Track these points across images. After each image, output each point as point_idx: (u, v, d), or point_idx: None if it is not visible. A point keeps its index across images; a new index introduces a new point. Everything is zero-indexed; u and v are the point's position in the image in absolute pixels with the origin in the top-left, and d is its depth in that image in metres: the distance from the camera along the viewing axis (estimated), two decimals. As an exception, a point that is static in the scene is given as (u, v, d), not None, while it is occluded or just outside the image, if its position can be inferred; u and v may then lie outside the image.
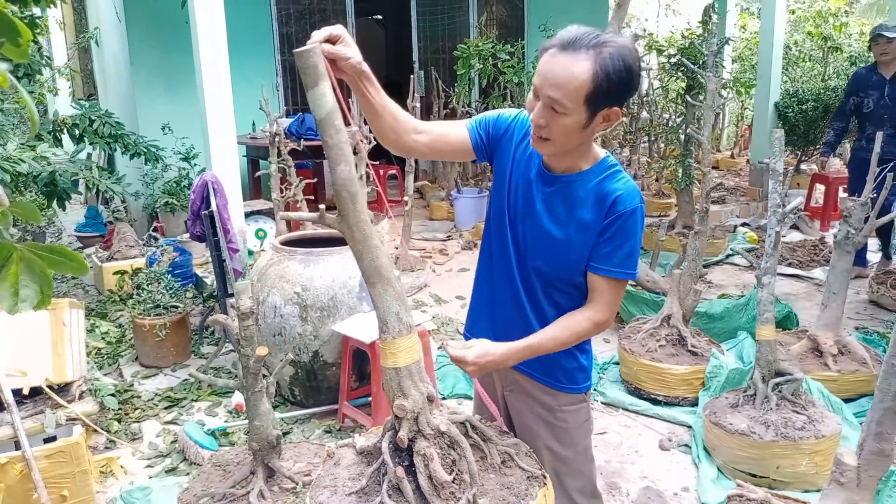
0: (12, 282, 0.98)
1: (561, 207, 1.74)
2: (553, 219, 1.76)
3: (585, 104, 1.56)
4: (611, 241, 1.70)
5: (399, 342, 1.68)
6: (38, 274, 1.00)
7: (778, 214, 3.11)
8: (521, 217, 1.80)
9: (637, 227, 1.71)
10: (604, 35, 1.55)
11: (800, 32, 12.15)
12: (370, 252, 1.62)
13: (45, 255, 1.00)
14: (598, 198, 1.70)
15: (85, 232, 7.27)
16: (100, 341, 4.66)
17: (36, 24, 5.58)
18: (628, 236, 1.69)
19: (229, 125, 4.72)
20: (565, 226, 1.74)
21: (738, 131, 12.32)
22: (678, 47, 6.35)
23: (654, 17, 17.48)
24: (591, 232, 1.71)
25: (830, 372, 3.62)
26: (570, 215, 1.73)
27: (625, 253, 1.71)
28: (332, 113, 1.50)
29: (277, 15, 8.20)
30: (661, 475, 3.17)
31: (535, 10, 9.61)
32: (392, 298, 1.66)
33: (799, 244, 6.48)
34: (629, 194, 1.69)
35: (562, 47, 1.55)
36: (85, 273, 1.04)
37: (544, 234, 1.76)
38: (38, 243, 1.00)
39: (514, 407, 2.03)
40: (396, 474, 1.67)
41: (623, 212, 1.68)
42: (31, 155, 3.40)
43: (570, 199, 1.73)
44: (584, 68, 1.52)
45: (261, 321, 3.58)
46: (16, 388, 2.96)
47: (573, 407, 1.95)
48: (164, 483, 3.09)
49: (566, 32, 1.57)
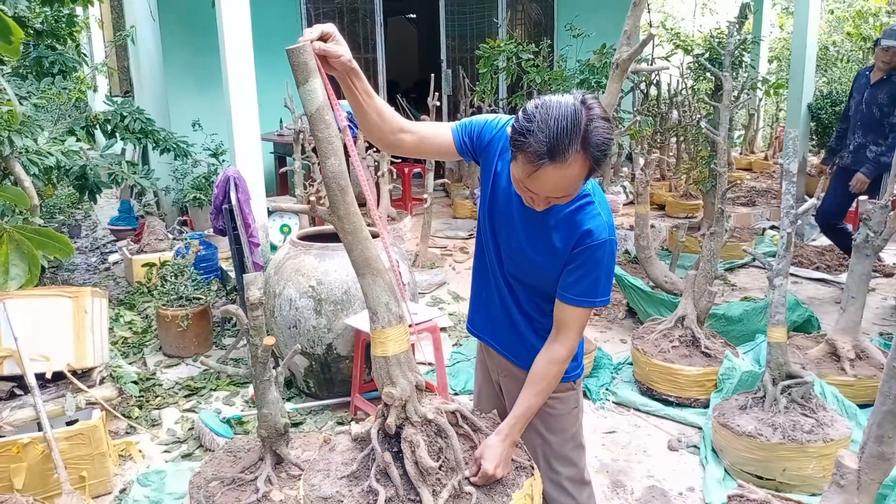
0: (2, 260, 1.05)
1: (535, 229, 1.79)
2: (528, 239, 1.81)
3: (584, 181, 1.63)
4: (576, 270, 1.75)
5: (388, 332, 1.72)
6: (27, 254, 1.06)
7: (790, 216, 3.08)
8: (501, 226, 1.86)
9: (604, 258, 1.74)
10: (580, 123, 1.52)
11: (839, 33, 11.92)
12: (360, 244, 1.67)
13: (32, 237, 1.07)
14: (569, 228, 1.74)
15: (118, 225, 7.47)
16: (126, 331, 4.80)
17: (74, 23, 5.77)
18: (595, 267, 1.74)
19: (253, 122, 4.82)
20: (538, 247, 1.79)
21: (773, 133, 12.12)
22: (705, 47, 6.29)
23: (690, 15, 17.29)
24: (560, 259, 1.76)
25: (847, 377, 3.57)
26: (542, 239, 1.78)
27: (590, 282, 1.75)
28: (321, 108, 1.56)
29: (307, 14, 8.32)
30: (668, 475, 3.17)
31: (564, 8, 9.59)
32: (381, 289, 1.70)
33: (827, 248, 6.37)
34: (599, 228, 1.72)
35: (550, 159, 1.52)
36: (71, 255, 1.11)
37: (520, 251, 1.83)
38: (26, 225, 1.06)
39: (507, 393, 2.08)
40: (384, 459, 1.72)
41: (590, 244, 1.72)
42: (59, 149, 3.53)
43: (543, 224, 1.77)
44: (577, 167, 1.55)
45: (276, 314, 3.66)
46: (39, 372, 3.08)
47: (562, 394, 1.99)
48: (179, 467, 3.19)
49: (545, 138, 1.51)
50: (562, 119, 1.51)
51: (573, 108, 1.53)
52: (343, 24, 8.72)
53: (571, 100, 1.54)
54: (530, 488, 1.81)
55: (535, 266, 1.81)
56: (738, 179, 9.07)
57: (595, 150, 1.54)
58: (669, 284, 4.73)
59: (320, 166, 1.59)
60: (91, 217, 8.92)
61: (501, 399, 2.12)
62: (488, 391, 2.17)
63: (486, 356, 2.14)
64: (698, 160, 7.04)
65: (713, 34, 6.51)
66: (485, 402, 2.18)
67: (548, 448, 2.02)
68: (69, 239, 1.12)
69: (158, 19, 7.25)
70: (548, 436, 2.01)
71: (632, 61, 3.70)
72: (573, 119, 1.51)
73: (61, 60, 5.13)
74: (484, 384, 2.20)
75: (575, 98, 1.55)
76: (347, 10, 8.69)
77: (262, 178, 5.00)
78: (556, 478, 2.03)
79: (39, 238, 1.08)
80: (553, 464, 2.03)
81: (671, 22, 15.85)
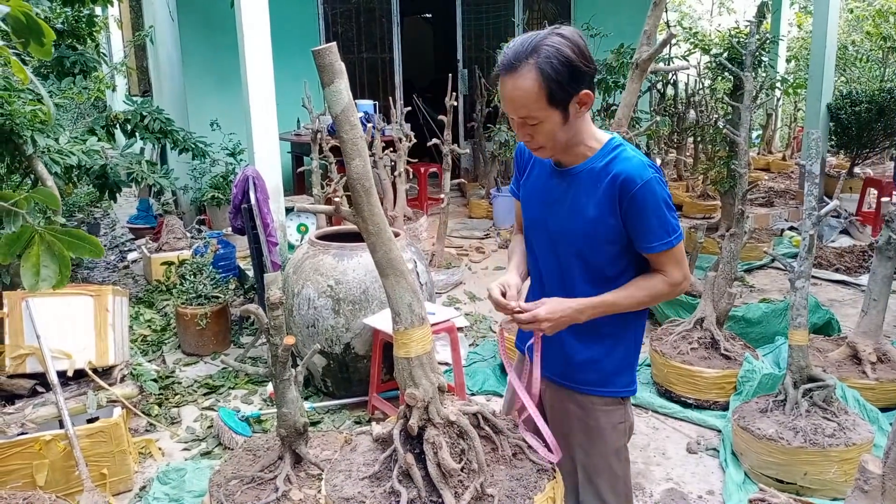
0: (34, 262, 1.06)
1: (579, 197, 1.77)
2: (575, 208, 1.77)
3: (551, 106, 1.61)
4: (637, 221, 1.71)
5: (411, 333, 1.73)
6: (58, 255, 1.07)
7: (813, 217, 3.05)
8: (547, 214, 1.84)
9: (654, 197, 1.69)
10: (536, 38, 1.59)
11: (858, 32, 11.79)
12: (384, 244, 1.67)
13: (63, 238, 1.08)
14: (608, 181, 1.70)
15: (137, 224, 7.53)
16: (146, 329, 4.84)
17: (94, 23, 5.82)
18: (649, 211, 1.69)
19: (272, 122, 4.84)
20: (586, 211, 1.75)
21: (792, 133, 12.01)
22: (724, 46, 6.25)
23: (707, 14, 17.17)
24: (611, 213, 1.72)
25: (868, 380, 3.53)
26: (588, 201, 1.75)
27: (654, 226, 1.71)
28: (347, 109, 1.56)
29: (324, 14, 8.34)
30: (687, 478, 3.15)
31: (581, 7, 9.56)
32: (405, 290, 1.71)
33: (847, 250, 6.30)
34: (635, 170, 1.68)
35: (505, 70, 1.61)
36: (100, 255, 1.12)
37: (572, 224, 1.78)
38: (57, 227, 1.07)
39: (548, 403, 2.01)
40: (406, 461, 1.72)
41: (633, 192, 1.68)
42: (80, 148, 3.56)
43: (584, 187, 1.75)
44: (530, 79, 1.58)
45: (295, 313, 3.68)
46: (60, 369, 3.11)
47: (607, 407, 1.91)
48: (199, 465, 3.21)
49: (504, 54, 1.62)
50: (525, 37, 1.61)
51: (541, 31, 1.61)
52: (359, 24, 8.74)
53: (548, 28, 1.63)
54: (552, 491, 1.80)
55: (592, 231, 1.75)
56: (756, 180, 9.00)
57: (543, 60, 1.56)
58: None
59: (345, 167, 1.59)
60: (110, 215, 9.00)
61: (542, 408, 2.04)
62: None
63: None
64: (716, 160, 6.99)
65: (732, 33, 6.45)
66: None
67: (588, 460, 1.94)
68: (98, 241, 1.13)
69: (177, 19, 7.30)
70: (588, 448, 1.93)
71: (652, 61, 3.68)
72: (532, 36, 1.59)
73: (82, 60, 5.17)
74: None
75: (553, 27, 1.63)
76: (364, 9, 8.70)
77: (281, 178, 5.02)
78: (598, 490, 1.95)
79: (70, 239, 1.09)
80: (594, 477, 1.94)
81: (688, 21, 15.76)
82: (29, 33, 1.08)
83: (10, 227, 1.11)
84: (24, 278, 1.08)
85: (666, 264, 1.76)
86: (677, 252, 1.75)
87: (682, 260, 1.77)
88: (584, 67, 1.60)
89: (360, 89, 8.70)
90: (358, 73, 8.78)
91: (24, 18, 1.07)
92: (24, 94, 3.34)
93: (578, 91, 1.62)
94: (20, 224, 1.06)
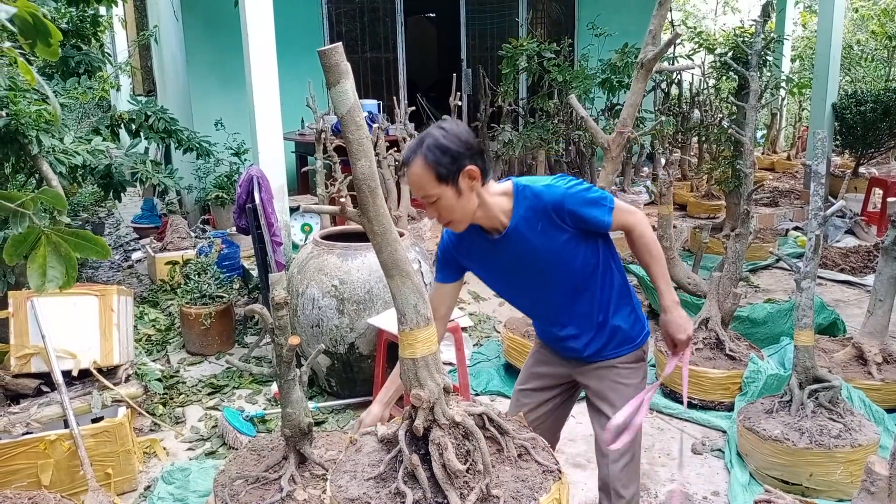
0: (41, 263, 1.06)
1: (530, 242, 2.00)
2: (537, 251, 2.01)
3: (441, 183, 1.88)
4: (583, 220, 1.98)
5: (417, 333, 1.72)
6: (65, 256, 1.07)
7: (819, 218, 3.04)
8: (517, 274, 2.09)
9: (575, 196, 1.97)
10: (423, 135, 1.92)
11: (863, 31, 11.75)
12: (389, 245, 1.67)
13: (70, 239, 1.07)
14: (542, 214, 1.97)
15: (141, 223, 7.54)
16: (150, 328, 4.85)
17: (98, 23, 5.82)
18: (582, 207, 1.97)
19: (276, 122, 4.85)
20: (548, 246, 2.00)
21: (796, 132, 11.98)
22: (729, 45, 6.23)
23: (712, 13, 17.13)
24: (562, 232, 1.99)
25: (874, 381, 3.52)
26: (540, 239, 1.99)
27: (595, 212, 1.99)
28: (352, 110, 1.56)
29: (328, 14, 8.34)
30: (692, 479, 3.14)
31: (585, 7, 9.53)
32: (410, 291, 1.70)
33: (852, 250, 6.29)
34: (550, 192, 1.97)
35: (404, 165, 1.93)
36: (107, 256, 1.11)
37: (544, 264, 2.03)
38: (64, 228, 1.07)
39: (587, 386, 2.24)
40: (412, 461, 1.72)
41: (562, 206, 1.96)
42: (85, 148, 3.56)
43: (528, 233, 1.99)
44: (419, 165, 1.88)
45: (299, 313, 3.68)
46: (65, 369, 3.11)
47: (634, 364, 2.18)
48: (203, 465, 3.21)
49: (403, 154, 1.97)
50: (417, 137, 1.94)
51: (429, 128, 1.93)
52: (363, 24, 8.73)
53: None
54: (557, 492, 1.79)
55: (563, 254, 2.02)
56: (761, 180, 8.97)
57: (426, 149, 1.86)
58: (692, 286, 4.69)
59: (350, 167, 1.59)
60: (114, 215, 9.02)
61: (552, 400, 2.31)
62: (541, 395, 2.32)
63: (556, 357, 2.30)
64: (720, 160, 6.97)
65: (737, 32, 6.43)
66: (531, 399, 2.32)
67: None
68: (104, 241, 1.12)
69: (182, 19, 7.31)
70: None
71: (657, 61, 3.67)
72: (422, 135, 1.92)
73: (86, 60, 5.17)
74: (537, 383, 2.33)
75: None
76: (368, 9, 8.69)
77: (285, 177, 5.03)
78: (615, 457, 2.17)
79: (76, 240, 1.09)
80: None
81: (693, 20, 15.73)
82: (36, 34, 1.07)
83: (16, 227, 1.11)
84: (31, 279, 1.07)
85: (623, 223, 2.05)
86: (619, 209, 2.04)
87: (625, 208, 2.07)
88: (462, 150, 1.88)
89: (364, 89, 8.69)
90: (362, 73, 8.77)
91: (30, 19, 1.06)
92: (30, 94, 3.34)
93: (461, 168, 1.88)
94: (27, 225, 1.06)
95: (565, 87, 6.46)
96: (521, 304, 2.26)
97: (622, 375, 2.17)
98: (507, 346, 4.08)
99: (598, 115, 6.83)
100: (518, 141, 6.69)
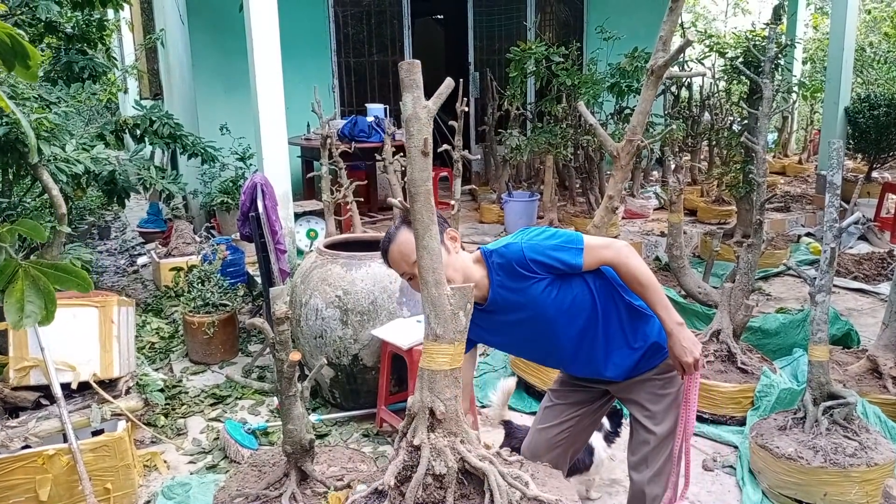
0: (17, 297, 1.00)
1: (516, 301, 2.03)
2: (527, 310, 2.04)
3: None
4: (554, 266, 1.99)
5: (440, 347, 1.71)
6: (43, 290, 1.01)
7: (834, 230, 2.96)
8: (515, 335, 2.13)
9: (538, 249, 1.99)
10: (402, 217, 2.00)
11: (876, 33, 11.63)
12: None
13: (49, 272, 1.02)
14: (514, 274, 2.00)
15: (146, 228, 7.52)
16: (153, 336, 4.80)
17: (104, 27, 5.80)
18: (548, 256, 1.99)
19: (281, 127, 4.80)
20: (538, 300, 2.02)
21: (808, 136, 11.86)
22: (741, 49, 6.14)
23: (722, 16, 17.00)
24: (539, 280, 2.00)
25: (889, 395, 3.44)
26: (524, 296, 2.02)
27: (563, 256, 2.00)
28: (408, 119, 1.60)
29: (335, 17, 8.29)
30: (703, 496, 3.07)
31: (594, 9, 9.45)
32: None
33: (865, 257, 6.19)
34: (515, 252, 2.00)
35: (388, 244, 2.04)
36: (88, 289, 1.06)
37: (532, 321, 2.06)
38: (43, 261, 1.01)
39: (626, 400, 2.28)
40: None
41: (526, 260, 1.98)
42: (88, 156, 3.52)
43: (511, 296, 2.03)
44: (404, 234, 1.97)
45: (302, 324, 3.62)
46: (65, 382, 3.07)
47: (668, 374, 2.19)
48: (204, 480, 3.16)
49: (382, 243, 2.08)
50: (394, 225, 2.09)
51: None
52: (370, 26, 8.68)
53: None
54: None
55: (550, 298, 2.02)
56: (772, 184, 8.87)
57: (406, 223, 1.89)
58: (703, 295, 4.61)
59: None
60: (121, 218, 9.00)
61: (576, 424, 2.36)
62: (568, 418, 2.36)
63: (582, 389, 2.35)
64: (731, 165, 6.88)
65: (748, 35, 6.34)
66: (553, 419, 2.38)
67: (653, 438, 2.20)
68: (87, 273, 1.07)
69: (187, 23, 7.27)
70: (656, 428, 2.20)
71: (667, 67, 3.59)
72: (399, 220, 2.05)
73: (91, 65, 5.15)
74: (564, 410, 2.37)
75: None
76: (375, 11, 8.65)
77: (290, 183, 4.98)
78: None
79: (56, 273, 1.04)
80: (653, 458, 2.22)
81: (702, 23, 15.62)
82: (14, 56, 1.02)
83: (-7, 260, 1.06)
84: (8, 315, 1.02)
85: (599, 259, 2.03)
86: (590, 246, 2.03)
87: (596, 244, 2.05)
88: (439, 220, 1.88)
89: (371, 92, 8.65)
90: (368, 76, 8.73)
91: (8, 41, 1.01)
92: (30, 103, 3.30)
93: (444, 230, 1.98)
94: (3, 258, 1.00)
95: (574, 91, 6.39)
96: (538, 357, 2.32)
97: (657, 387, 2.20)
98: (514, 357, 4.01)
99: (606, 119, 6.75)
100: (526, 145, 6.62)
